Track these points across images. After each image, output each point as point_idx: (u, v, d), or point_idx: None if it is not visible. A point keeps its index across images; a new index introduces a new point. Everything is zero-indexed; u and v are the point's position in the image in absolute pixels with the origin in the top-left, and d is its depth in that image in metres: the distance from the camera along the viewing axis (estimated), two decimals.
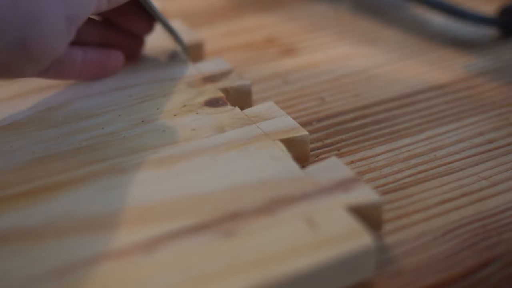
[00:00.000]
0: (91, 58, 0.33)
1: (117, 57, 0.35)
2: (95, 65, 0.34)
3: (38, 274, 0.22)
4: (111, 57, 0.34)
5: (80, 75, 0.33)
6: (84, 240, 0.24)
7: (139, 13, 0.35)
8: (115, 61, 0.35)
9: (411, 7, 0.47)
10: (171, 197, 0.26)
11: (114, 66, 0.35)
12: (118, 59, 0.35)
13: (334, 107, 0.36)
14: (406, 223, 0.27)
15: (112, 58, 0.34)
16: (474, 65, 0.40)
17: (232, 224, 0.24)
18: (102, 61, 0.34)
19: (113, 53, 0.35)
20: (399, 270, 0.25)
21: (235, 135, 0.29)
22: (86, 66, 0.33)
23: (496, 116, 0.34)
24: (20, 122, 0.31)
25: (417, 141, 0.33)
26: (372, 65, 0.40)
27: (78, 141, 0.30)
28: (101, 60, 0.34)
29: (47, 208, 0.25)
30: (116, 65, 0.35)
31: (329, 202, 0.25)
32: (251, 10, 0.49)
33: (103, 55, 0.34)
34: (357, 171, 0.30)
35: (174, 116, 0.31)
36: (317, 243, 0.23)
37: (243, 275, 0.22)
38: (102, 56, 0.34)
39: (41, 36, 0.26)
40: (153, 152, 0.28)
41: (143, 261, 0.23)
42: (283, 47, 0.43)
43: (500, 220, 0.27)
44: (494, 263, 0.25)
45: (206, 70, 0.35)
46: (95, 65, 0.34)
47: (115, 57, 0.35)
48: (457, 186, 0.29)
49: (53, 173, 0.27)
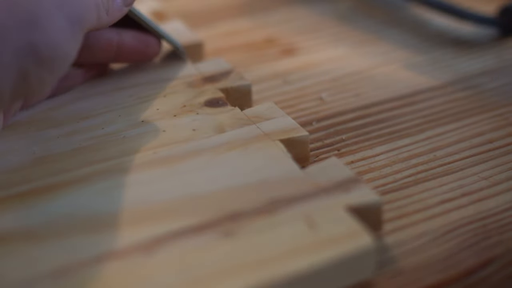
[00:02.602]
0: (127, 38, 0.34)
1: (154, 44, 0.36)
2: (133, 50, 0.35)
3: (38, 274, 0.22)
4: (148, 41, 0.35)
5: (116, 58, 0.34)
6: (84, 240, 0.24)
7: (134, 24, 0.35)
8: (153, 48, 0.36)
9: (411, 7, 0.47)
10: (171, 197, 0.26)
11: (153, 53, 0.36)
12: (155, 46, 0.36)
13: (334, 107, 0.36)
14: (406, 223, 0.27)
15: (150, 45, 0.35)
16: (474, 65, 0.40)
17: (232, 224, 0.24)
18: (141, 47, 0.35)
19: (151, 40, 0.35)
20: (399, 270, 0.25)
21: (235, 135, 0.29)
22: (123, 51, 0.34)
23: (496, 116, 0.34)
24: (20, 122, 0.31)
25: (417, 141, 0.33)
26: (372, 65, 0.40)
27: (78, 141, 0.30)
28: (140, 45, 0.35)
29: (47, 208, 0.25)
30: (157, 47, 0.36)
31: (329, 202, 0.25)
32: (251, 10, 0.49)
33: (141, 40, 0.35)
34: (357, 171, 0.30)
35: (174, 116, 0.31)
36: (317, 243, 0.23)
37: (243, 275, 0.22)
38: (140, 41, 0.35)
39: (47, 37, 0.26)
40: (153, 152, 0.28)
41: (143, 261, 0.23)
42: (283, 47, 0.43)
43: (500, 220, 0.27)
44: (494, 263, 0.25)
45: (206, 70, 0.35)
46: (134, 50, 0.35)
47: (153, 44, 0.36)
48: (457, 186, 0.29)
49: (53, 173, 0.27)
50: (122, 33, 0.34)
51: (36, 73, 0.26)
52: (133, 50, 0.35)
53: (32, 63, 0.26)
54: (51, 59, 0.26)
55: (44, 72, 0.26)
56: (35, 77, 0.26)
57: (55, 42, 0.26)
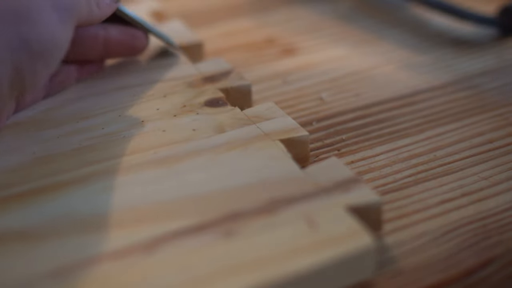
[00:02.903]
0: (114, 33, 0.34)
1: (141, 37, 0.36)
2: (120, 44, 0.35)
3: (37, 274, 0.22)
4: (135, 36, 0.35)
5: (105, 54, 0.35)
6: (84, 240, 0.24)
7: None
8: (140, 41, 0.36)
9: (411, 7, 0.47)
10: (171, 197, 0.26)
11: (141, 45, 0.36)
12: (143, 39, 0.36)
13: (334, 107, 0.36)
14: (406, 223, 0.27)
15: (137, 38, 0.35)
16: (474, 65, 0.40)
17: (232, 224, 0.24)
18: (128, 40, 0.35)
19: (137, 33, 0.35)
20: (399, 270, 0.25)
21: (235, 135, 0.29)
22: (110, 45, 0.34)
23: (496, 116, 0.34)
24: (20, 122, 0.31)
25: (417, 141, 0.33)
26: (372, 65, 0.40)
27: (78, 141, 0.30)
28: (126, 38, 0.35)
29: (47, 208, 0.25)
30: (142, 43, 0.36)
31: (329, 202, 0.25)
32: (251, 10, 0.49)
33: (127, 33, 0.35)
34: (357, 171, 0.30)
35: (174, 116, 0.31)
36: (317, 243, 0.23)
37: (243, 275, 0.22)
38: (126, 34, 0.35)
39: (38, 30, 0.26)
40: (153, 152, 0.28)
41: (143, 261, 0.23)
42: (283, 47, 0.43)
43: (500, 220, 0.27)
44: (494, 263, 0.25)
45: (206, 70, 0.35)
46: (121, 44, 0.35)
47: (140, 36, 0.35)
48: (457, 186, 0.29)
49: (53, 173, 0.27)
50: (108, 27, 0.34)
51: (30, 66, 0.26)
52: (120, 44, 0.35)
53: (25, 57, 0.26)
54: (44, 51, 0.26)
55: (37, 64, 0.27)
56: (28, 70, 0.26)
57: (46, 34, 0.26)
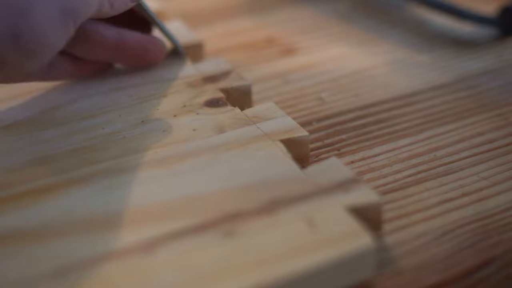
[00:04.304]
0: (128, 40, 0.33)
1: (154, 50, 0.34)
2: (131, 53, 0.33)
3: (38, 274, 0.22)
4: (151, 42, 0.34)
5: (113, 58, 0.33)
6: (84, 240, 0.24)
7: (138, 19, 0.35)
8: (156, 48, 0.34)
9: (411, 7, 0.47)
10: (171, 197, 0.26)
11: (155, 54, 0.34)
12: (156, 53, 0.34)
13: (334, 107, 0.36)
14: (406, 223, 0.27)
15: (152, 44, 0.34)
16: (474, 65, 0.40)
17: (232, 224, 0.24)
18: (141, 46, 0.33)
19: (153, 39, 0.34)
20: (399, 270, 0.25)
21: (235, 136, 0.29)
22: (120, 51, 0.33)
23: (496, 116, 0.34)
24: (20, 122, 0.31)
25: (417, 141, 0.33)
26: (372, 65, 0.40)
27: (78, 141, 0.30)
28: (140, 44, 0.33)
29: (47, 208, 0.25)
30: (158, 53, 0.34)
31: (329, 202, 0.25)
32: (251, 10, 0.49)
33: (142, 39, 0.33)
34: (357, 171, 0.30)
35: (174, 116, 0.31)
36: (317, 243, 0.23)
37: (243, 275, 0.22)
38: (140, 40, 0.33)
39: (31, 27, 0.26)
40: (153, 152, 0.28)
41: (143, 261, 0.23)
42: (283, 47, 0.43)
43: (500, 220, 0.27)
44: (494, 263, 0.25)
45: (206, 70, 0.35)
46: (132, 53, 0.33)
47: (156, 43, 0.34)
48: (457, 186, 0.29)
49: (53, 173, 0.27)
50: (123, 33, 0.33)
51: (15, 60, 0.26)
52: (131, 53, 0.33)
53: (11, 51, 0.26)
54: (30, 47, 0.26)
55: (23, 60, 0.26)
56: (12, 64, 0.26)
57: (40, 32, 0.26)
